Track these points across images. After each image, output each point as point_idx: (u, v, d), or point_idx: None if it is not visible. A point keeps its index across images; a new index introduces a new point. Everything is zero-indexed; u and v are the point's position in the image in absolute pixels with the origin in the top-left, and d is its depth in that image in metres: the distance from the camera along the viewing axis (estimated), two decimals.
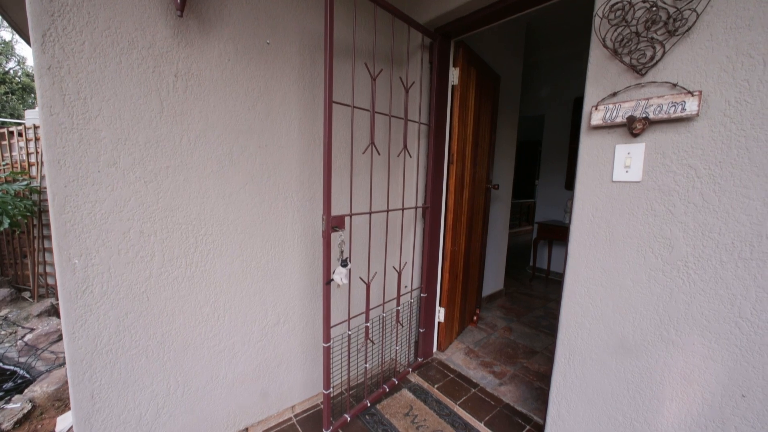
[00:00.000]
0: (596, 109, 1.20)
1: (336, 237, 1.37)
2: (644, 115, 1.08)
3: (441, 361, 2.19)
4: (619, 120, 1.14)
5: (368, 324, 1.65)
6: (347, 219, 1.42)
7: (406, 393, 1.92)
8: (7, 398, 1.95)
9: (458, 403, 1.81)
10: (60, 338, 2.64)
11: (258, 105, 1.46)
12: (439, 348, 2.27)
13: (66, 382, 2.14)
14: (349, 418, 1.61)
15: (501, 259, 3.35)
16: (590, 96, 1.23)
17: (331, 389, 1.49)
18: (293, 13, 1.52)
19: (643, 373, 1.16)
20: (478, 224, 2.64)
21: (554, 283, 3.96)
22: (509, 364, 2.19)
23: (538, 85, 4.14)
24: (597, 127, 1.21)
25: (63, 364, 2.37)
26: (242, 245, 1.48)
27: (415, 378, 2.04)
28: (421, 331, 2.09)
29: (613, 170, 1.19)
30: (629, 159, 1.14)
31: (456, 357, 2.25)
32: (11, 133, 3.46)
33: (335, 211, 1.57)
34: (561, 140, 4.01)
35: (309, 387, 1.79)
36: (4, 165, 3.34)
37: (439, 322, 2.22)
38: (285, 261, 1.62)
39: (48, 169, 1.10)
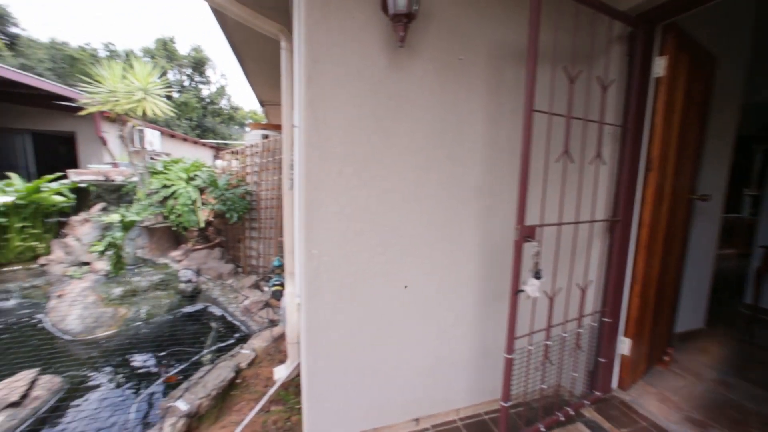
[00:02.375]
0: None
1: (529, 247, 1.34)
2: None
3: (624, 402, 1.86)
4: None
5: (548, 342, 1.54)
6: (537, 230, 1.36)
7: (581, 427, 1.70)
8: (239, 345, 2.67)
9: None
10: (263, 307, 3.44)
11: (449, 116, 1.56)
12: (620, 385, 1.93)
13: (272, 341, 2.75)
14: None
15: (702, 289, 2.62)
16: None
17: (510, 402, 1.45)
18: (483, 28, 1.57)
19: None
20: (676, 244, 2.14)
21: None
22: None
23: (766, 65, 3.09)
24: None
25: (266, 327, 3.08)
26: (431, 247, 1.60)
27: (590, 413, 1.79)
28: (601, 361, 1.82)
29: None
30: None
31: (645, 401, 1.86)
32: (234, 153, 4.78)
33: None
34: None
35: (475, 394, 1.79)
36: (233, 174, 4.61)
37: (622, 355, 1.89)
38: (464, 266, 1.68)
39: (301, 179, 1.44)
